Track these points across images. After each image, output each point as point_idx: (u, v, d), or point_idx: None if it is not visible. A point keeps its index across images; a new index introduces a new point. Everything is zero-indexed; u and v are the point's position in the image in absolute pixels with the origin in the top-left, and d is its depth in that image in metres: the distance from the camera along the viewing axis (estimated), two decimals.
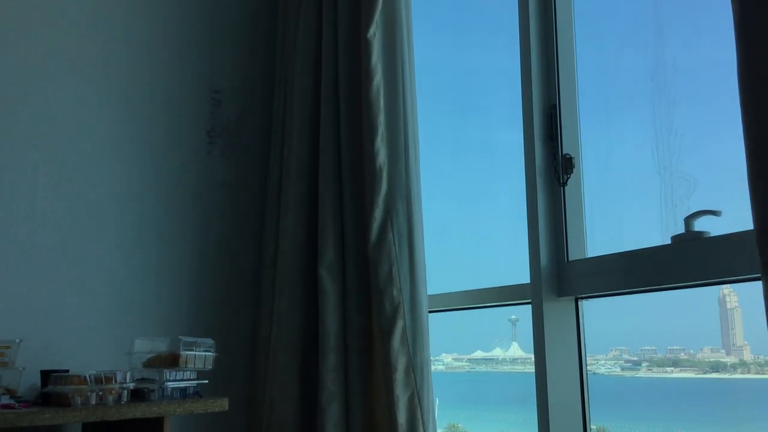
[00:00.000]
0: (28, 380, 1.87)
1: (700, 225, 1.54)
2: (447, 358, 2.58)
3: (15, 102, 2.17)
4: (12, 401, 1.74)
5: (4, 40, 2.18)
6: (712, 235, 1.50)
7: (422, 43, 2.26)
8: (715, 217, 1.52)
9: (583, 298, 1.85)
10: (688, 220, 1.55)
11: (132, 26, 2.40)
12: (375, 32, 2.06)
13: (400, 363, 1.91)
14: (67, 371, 1.82)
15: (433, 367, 1.99)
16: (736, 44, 1.18)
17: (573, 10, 1.95)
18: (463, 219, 2.49)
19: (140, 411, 1.78)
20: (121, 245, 2.28)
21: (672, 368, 1.84)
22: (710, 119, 1.65)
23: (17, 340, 1.87)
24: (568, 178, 1.87)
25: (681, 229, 1.56)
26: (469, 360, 2.53)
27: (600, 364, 1.97)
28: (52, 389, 1.75)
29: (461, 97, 2.57)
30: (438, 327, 2.14)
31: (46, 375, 1.83)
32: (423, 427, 1.88)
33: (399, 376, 1.90)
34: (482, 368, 2.45)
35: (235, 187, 2.51)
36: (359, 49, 2.09)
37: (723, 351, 1.78)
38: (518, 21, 1.99)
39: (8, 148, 2.14)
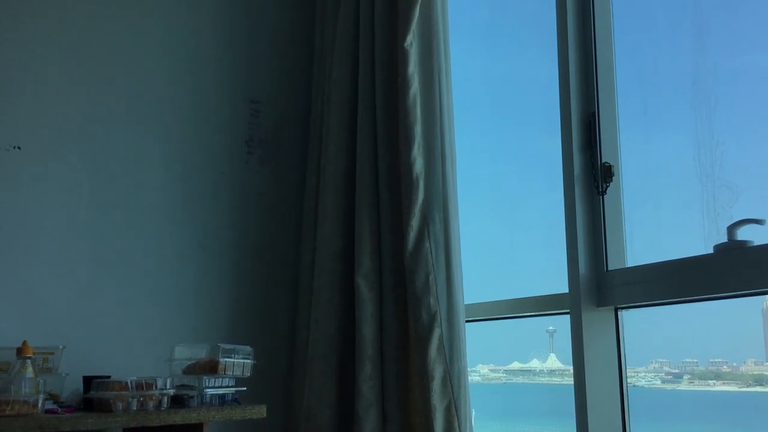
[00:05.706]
0: (70, 385, 1.90)
1: (743, 234, 1.51)
2: (483, 369, 2.56)
3: (59, 117, 2.22)
4: (55, 406, 1.77)
5: (48, 57, 2.24)
6: (755, 244, 1.47)
7: (459, 51, 2.26)
8: (758, 225, 1.49)
9: (622, 308, 1.83)
10: (731, 229, 1.52)
11: (171, 38, 2.44)
12: (412, 41, 2.06)
13: (437, 372, 1.90)
14: (109, 377, 1.85)
15: (469, 378, 1.98)
16: None
17: (612, 16, 1.93)
18: (501, 227, 2.47)
19: (180, 417, 1.80)
20: (161, 254, 2.31)
21: (714, 381, 1.81)
22: (753, 126, 1.61)
23: (61, 347, 1.91)
24: (607, 186, 1.85)
25: (723, 238, 1.53)
26: (506, 371, 2.51)
27: (640, 376, 1.94)
28: (94, 395, 1.78)
29: (498, 106, 2.56)
30: (474, 337, 2.12)
31: (88, 381, 1.86)
32: None
33: (436, 385, 1.89)
34: (519, 380, 2.43)
35: (273, 196, 2.53)
36: (396, 58, 2.10)
37: (767, 364, 1.74)
38: (556, 28, 1.98)
39: (53, 161, 2.19)
